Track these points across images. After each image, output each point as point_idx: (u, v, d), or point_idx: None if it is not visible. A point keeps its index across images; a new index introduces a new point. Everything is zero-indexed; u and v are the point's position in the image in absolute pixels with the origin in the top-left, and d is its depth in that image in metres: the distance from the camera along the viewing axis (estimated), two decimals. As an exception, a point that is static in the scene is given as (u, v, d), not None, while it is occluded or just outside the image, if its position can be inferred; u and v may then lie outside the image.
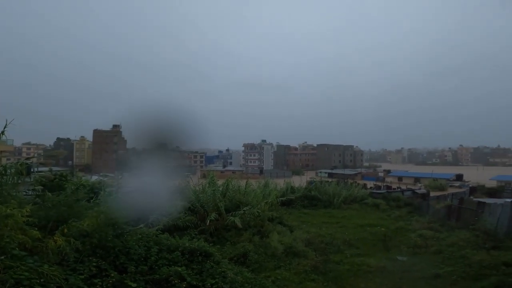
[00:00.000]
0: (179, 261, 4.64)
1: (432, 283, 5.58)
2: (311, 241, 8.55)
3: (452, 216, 12.78)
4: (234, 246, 7.29)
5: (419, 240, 8.92)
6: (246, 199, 9.86)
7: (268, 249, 7.37)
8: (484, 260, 6.30)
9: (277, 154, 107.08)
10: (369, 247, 8.80)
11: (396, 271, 6.43)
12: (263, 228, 8.67)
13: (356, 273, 6.40)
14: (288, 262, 6.90)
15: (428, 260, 7.10)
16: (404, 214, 14.92)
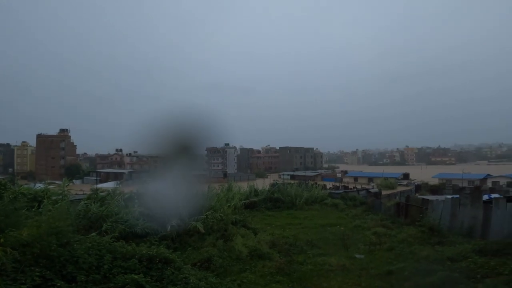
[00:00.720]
0: (136, 268, 4.46)
1: (387, 279, 5.92)
2: (275, 243, 8.62)
3: (401, 213, 13.82)
4: (198, 251, 7.15)
5: (374, 237, 9.46)
6: (209, 203, 9.72)
7: (233, 252, 7.31)
8: (431, 255, 6.78)
9: (241, 158, 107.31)
10: (330, 247, 9.12)
11: (355, 269, 6.73)
12: (227, 232, 8.57)
13: (319, 273, 6.58)
14: (253, 265, 6.89)
15: (382, 257, 7.53)
16: (360, 213, 15.81)
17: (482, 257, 6.10)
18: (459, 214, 9.94)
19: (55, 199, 8.16)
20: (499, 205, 8.91)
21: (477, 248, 6.69)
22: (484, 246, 6.75)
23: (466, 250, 6.64)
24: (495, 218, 8.71)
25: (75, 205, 8.08)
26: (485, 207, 9.36)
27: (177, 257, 5.41)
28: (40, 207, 6.95)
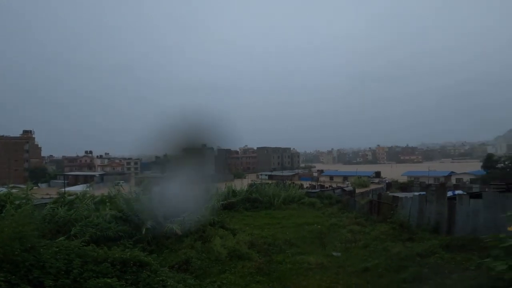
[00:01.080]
0: (109, 272, 4.35)
1: (363, 276, 6.12)
2: (254, 243, 8.67)
3: (373, 210, 14.32)
4: (175, 253, 7.06)
5: (349, 235, 9.75)
6: (186, 205, 9.48)
7: (212, 254, 7.27)
8: (402, 252, 7.05)
9: (218, 158, 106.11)
10: (308, 245, 9.28)
11: (332, 266, 6.91)
12: (205, 233, 8.52)
13: (298, 271, 6.69)
14: (233, 266, 6.89)
15: (358, 254, 7.79)
16: (336, 211, 16.24)
17: (448, 252, 6.44)
18: (426, 211, 10.36)
19: (19, 203, 7.79)
20: (462, 202, 9.34)
21: (444, 243, 7.05)
22: (450, 241, 7.13)
23: (434, 246, 6.97)
24: (459, 214, 9.12)
25: (41, 209, 7.73)
26: (449, 203, 9.76)
27: (153, 259, 5.32)
28: (2, 212, 6.59)
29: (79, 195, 10.46)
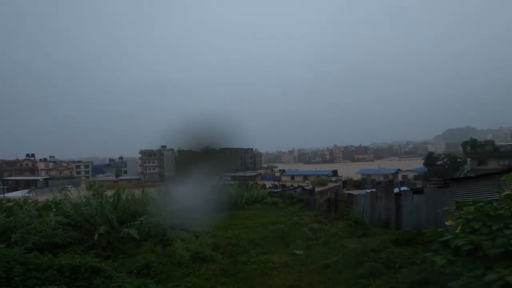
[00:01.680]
0: (56, 279, 4.20)
1: (324, 273, 6.41)
2: (218, 245, 8.65)
3: (331, 208, 14.95)
4: (134, 258, 6.80)
5: (310, 233, 10.12)
6: (144, 209, 9.38)
7: (174, 257, 7.11)
8: (357, 248, 7.43)
9: (179, 160, 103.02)
10: (271, 244, 9.47)
11: (296, 264, 7.14)
12: (165, 237, 8.31)
13: (263, 271, 6.82)
14: (197, 268, 6.81)
15: (319, 252, 8.10)
16: (297, 210, 16.80)
17: (397, 247, 6.91)
18: (377, 207, 11.02)
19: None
20: (407, 198, 9.81)
21: (393, 238, 7.56)
22: (398, 236, 7.62)
23: (385, 241, 7.47)
24: (405, 209, 9.80)
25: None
26: (396, 199, 10.24)
27: (107, 265, 5.18)
28: None
29: (19, 201, 9.66)
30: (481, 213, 3.17)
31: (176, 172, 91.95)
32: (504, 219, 3.00)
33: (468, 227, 3.12)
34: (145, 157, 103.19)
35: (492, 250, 2.73)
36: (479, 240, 2.83)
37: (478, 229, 2.97)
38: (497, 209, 3.17)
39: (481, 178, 8.19)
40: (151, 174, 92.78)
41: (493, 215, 3.10)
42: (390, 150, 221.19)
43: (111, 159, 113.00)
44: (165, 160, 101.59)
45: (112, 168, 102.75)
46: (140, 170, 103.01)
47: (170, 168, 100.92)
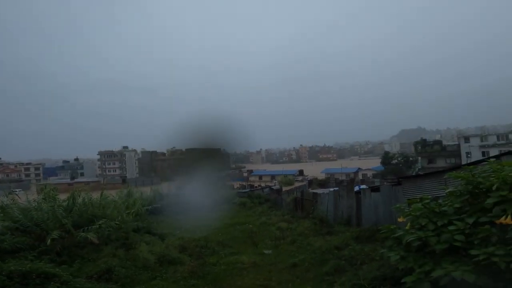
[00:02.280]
0: (5, 285, 4.07)
1: (292, 272, 6.59)
2: (185, 247, 8.54)
3: (298, 207, 15.28)
4: (94, 263, 6.52)
5: (278, 232, 10.29)
6: (103, 212, 9.04)
7: (138, 261, 6.89)
8: (323, 246, 7.70)
9: (143, 161, 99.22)
10: (240, 245, 9.55)
11: (265, 264, 7.25)
12: (128, 240, 8.07)
13: (233, 272, 6.86)
14: (164, 271, 6.68)
15: (287, 251, 8.27)
16: (265, 210, 17.05)
17: (358, 244, 7.27)
18: (340, 205, 11.43)
19: None
20: (366, 195, 10.17)
21: (355, 235, 7.97)
22: (359, 233, 8.05)
23: (347, 238, 7.86)
24: (364, 207, 10.27)
25: None
26: (357, 197, 10.59)
27: (62, 270, 5.02)
28: None
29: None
30: (427, 210, 3.39)
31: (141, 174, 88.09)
32: (448, 215, 3.23)
33: (416, 223, 3.33)
34: (104, 158, 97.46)
35: (438, 246, 2.92)
36: (426, 236, 3.03)
37: (425, 226, 3.18)
38: (442, 206, 3.43)
39: (429, 176, 9.02)
40: (112, 176, 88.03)
41: (438, 211, 3.35)
42: (351, 150, 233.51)
43: (65, 160, 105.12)
44: (127, 161, 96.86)
45: (67, 171, 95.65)
46: (99, 172, 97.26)
47: (133, 170, 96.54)
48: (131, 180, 64.31)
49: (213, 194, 19.61)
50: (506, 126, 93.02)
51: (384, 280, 4.03)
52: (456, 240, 2.86)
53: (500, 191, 2.91)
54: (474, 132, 58.24)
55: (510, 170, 3.10)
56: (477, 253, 2.63)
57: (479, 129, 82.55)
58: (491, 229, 2.76)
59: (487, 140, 46.80)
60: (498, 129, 63.89)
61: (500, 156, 7.22)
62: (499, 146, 42.92)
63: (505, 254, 2.52)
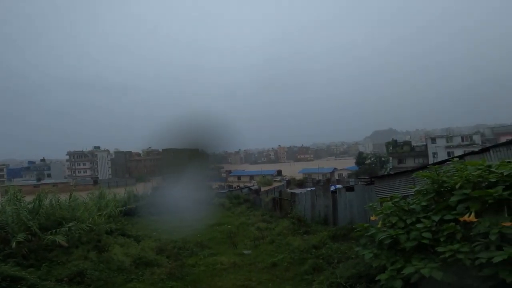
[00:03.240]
0: None
1: (272, 271, 6.67)
2: (162, 248, 8.41)
3: (276, 207, 15.49)
4: (64, 266, 6.30)
5: (257, 232, 10.36)
6: (72, 214, 8.77)
7: (112, 263, 6.70)
8: (301, 245, 7.72)
9: (116, 162, 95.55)
10: (219, 246, 9.52)
11: (244, 264, 7.28)
12: (100, 243, 7.81)
13: (212, 273, 6.84)
14: (140, 274, 6.52)
15: (266, 250, 8.34)
16: (244, 210, 17.15)
17: (335, 242, 7.50)
18: (317, 205, 11.70)
19: None
20: (341, 195, 10.42)
21: (331, 234, 8.16)
22: (335, 232, 8.26)
23: (324, 237, 8.02)
24: (340, 206, 10.60)
25: None
26: (333, 197, 10.83)
27: (29, 274, 4.92)
28: None
29: None
30: (397, 208, 3.53)
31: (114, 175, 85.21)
32: (416, 213, 3.36)
33: (387, 221, 3.46)
34: (74, 159, 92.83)
35: (408, 243, 3.03)
36: (397, 234, 3.15)
37: (396, 224, 3.31)
38: (410, 204, 3.56)
39: (399, 175, 9.53)
40: (82, 177, 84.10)
41: (407, 209, 3.49)
42: (328, 150, 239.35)
43: (31, 161, 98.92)
44: (99, 162, 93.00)
45: (32, 172, 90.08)
46: (68, 173, 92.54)
47: (106, 171, 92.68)
48: (103, 181, 61.87)
49: (191, 195, 19.37)
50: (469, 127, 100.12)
51: (359, 278, 4.16)
52: (423, 238, 2.98)
53: (463, 189, 3.06)
54: (440, 133, 61.86)
55: (472, 169, 3.25)
56: (443, 250, 2.74)
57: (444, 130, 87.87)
58: (456, 226, 2.90)
59: (452, 141, 49.87)
60: (463, 131, 68.36)
61: (464, 156, 7.81)
62: (463, 147, 45.92)
63: (469, 251, 2.64)
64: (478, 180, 3.10)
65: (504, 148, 7.07)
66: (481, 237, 2.68)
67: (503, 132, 49.40)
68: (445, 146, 49.20)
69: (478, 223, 2.77)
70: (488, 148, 7.59)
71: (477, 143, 46.19)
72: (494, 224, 2.64)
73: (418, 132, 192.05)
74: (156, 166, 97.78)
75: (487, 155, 7.25)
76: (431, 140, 51.91)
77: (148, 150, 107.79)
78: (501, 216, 2.71)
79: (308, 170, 68.89)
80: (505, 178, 2.92)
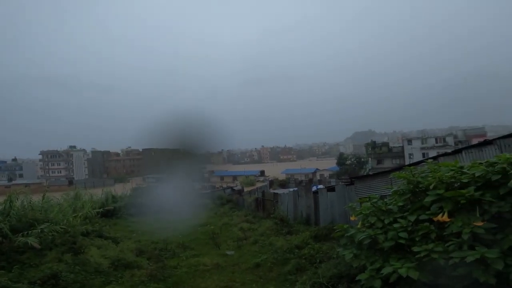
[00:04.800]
0: None
1: (256, 272, 6.65)
2: (143, 250, 8.25)
3: (259, 207, 15.51)
4: (37, 268, 6.12)
5: (240, 233, 10.33)
6: (45, 216, 8.57)
7: (88, 265, 6.51)
8: (284, 245, 7.71)
9: (93, 161, 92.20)
10: (202, 247, 9.42)
11: (228, 265, 7.22)
12: (76, 245, 7.56)
13: (195, 274, 6.75)
14: (119, 276, 6.36)
15: (249, 251, 8.31)
16: (227, 210, 17.04)
17: (317, 242, 7.57)
18: (299, 205, 11.79)
19: None
20: (322, 195, 10.45)
21: (313, 234, 8.20)
22: (317, 232, 8.31)
23: (307, 237, 8.08)
24: (321, 206, 10.67)
25: None
26: (314, 197, 10.86)
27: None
28: None
29: None
30: (375, 209, 3.62)
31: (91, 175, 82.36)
32: (393, 213, 3.46)
33: (366, 222, 3.55)
34: (47, 158, 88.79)
35: (385, 243, 3.11)
36: (375, 234, 3.23)
37: (374, 224, 3.40)
38: (388, 204, 3.67)
39: (378, 176, 9.82)
40: (56, 178, 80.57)
41: (385, 210, 3.58)
42: (310, 150, 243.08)
43: (2, 161, 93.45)
44: (74, 161, 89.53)
45: (3, 172, 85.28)
46: (41, 173, 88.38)
47: (82, 171, 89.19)
48: (79, 181, 59.52)
49: (173, 196, 19.03)
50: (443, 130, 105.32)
51: (341, 278, 4.22)
52: (400, 238, 3.07)
53: (437, 190, 3.13)
54: (416, 135, 64.63)
55: (446, 170, 3.38)
56: (419, 250, 2.83)
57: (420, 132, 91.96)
58: (430, 226, 3.00)
59: (427, 142, 52.20)
60: (437, 133, 71.74)
61: (438, 157, 8.17)
62: (437, 148, 48.27)
63: (443, 251, 2.73)
64: (451, 181, 3.22)
65: (475, 150, 7.46)
66: (454, 237, 2.79)
67: (474, 134, 52.24)
68: (420, 147, 51.37)
69: (451, 222, 2.88)
70: (460, 149, 7.99)
71: (450, 144, 48.68)
72: (466, 224, 2.75)
73: (396, 134, 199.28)
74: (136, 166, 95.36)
75: (459, 156, 7.62)
76: (408, 142, 54.09)
77: (128, 150, 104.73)
78: (473, 216, 2.82)
79: (291, 171, 69.56)
80: (476, 179, 3.04)
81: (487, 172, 2.98)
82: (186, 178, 21.80)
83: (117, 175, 79.46)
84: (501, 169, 2.90)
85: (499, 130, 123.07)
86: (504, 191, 2.78)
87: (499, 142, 6.98)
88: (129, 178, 68.79)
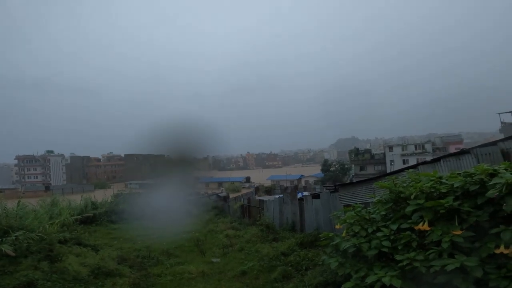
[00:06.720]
0: None
1: (242, 280, 6.58)
2: (124, 258, 8.02)
3: (245, 214, 15.46)
4: (11, 276, 5.88)
5: (226, 240, 10.26)
6: (20, 223, 8.26)
7: (66, 274, 6.30)
8: (270, 252, 7.72)
9: (72, 167, 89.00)
10: (187, 254, 9.26)
11: (213, 273, 7.12)
12: (53, 252, 7.28)
13: (180, 282, 6.61)
14: (100, 284, 6.18)
15: (235, 258, 8.23)
16: (212, 217, 16.93)
17: (303, 249, 7.61)
18: (285, 212, 11.85)
19: None
20: (308, 202, 10.54)
21: (299, 241, 8.25)
22: (303, 239, 8.36)
23: (293, 244, 8.11)
24: (307, 213, 10.77)
25: None
26: (300, 204, 10.93)
27: None
28: None
29: None
30: (359, 218, 3.71)
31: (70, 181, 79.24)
32: (377, 222, 3.57)
33: (351, 230, 3.62)
34: (23, 163, 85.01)
35: (369, 252, 3.19)
36: (359, 242, 3.31)
37: (358, 232, 3.47)
38: (371, 213, 3.77)
39: (361, 184, 10.00)
40: (32, 183, 77.09)
41: (368, 218, 3.68)
42: (295, 157, 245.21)
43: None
44: (52, 167, 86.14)
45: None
46: (16, 178, 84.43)
47: (59, 176, 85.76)
48: (56, 187, 57.21)
49: (156, 202, 18.62)
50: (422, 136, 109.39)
51: (327, 285, 4.27)
52: (383, 246, 3.15)
53: (417, 199, 3.22)
54: (397, 142, 66.86)
55: (426, 180, 3.51)
56: (401, 258, 2.92)
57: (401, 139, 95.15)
58: (412, 235, 3.11)
59: (407, 149, 53.99)
60: (416, 140, 74.39)
61: (417, 166, 8.46)
62: (417, 155, 50.10)
63: (424, 259, 2.83)
64: (431, 191, 3.35)
65: (453, 159, 7.78)
66: (434, 245, 2.90)
67: (451, 141, 54.70)
68: (400, 154, 53.03)
69: (431, 231, 2.99)
70: (439, 158, 8.30)
71: (428, 151, 50.70)
72: (446, 233, 2.87)
73: (378, 141, 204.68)
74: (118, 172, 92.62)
75: (438, 165, 7.93)
76: (389, 149, 55.74)
77: (109, 155, 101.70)
78: (452, 225, 2.94)
79: (276, 177, 69.91)
80: (455, 189, 3.18)
81: (465, 182, 3.13)
82: (171, 184, 21.44)
83: (97, 181, 76.96)
84: (479, 180, 3.05)
85: (475, 137, 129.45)
86: (482, 201, 2.92)
87: (476, 151, 7.30)
88: (110, 184, 66.83)
